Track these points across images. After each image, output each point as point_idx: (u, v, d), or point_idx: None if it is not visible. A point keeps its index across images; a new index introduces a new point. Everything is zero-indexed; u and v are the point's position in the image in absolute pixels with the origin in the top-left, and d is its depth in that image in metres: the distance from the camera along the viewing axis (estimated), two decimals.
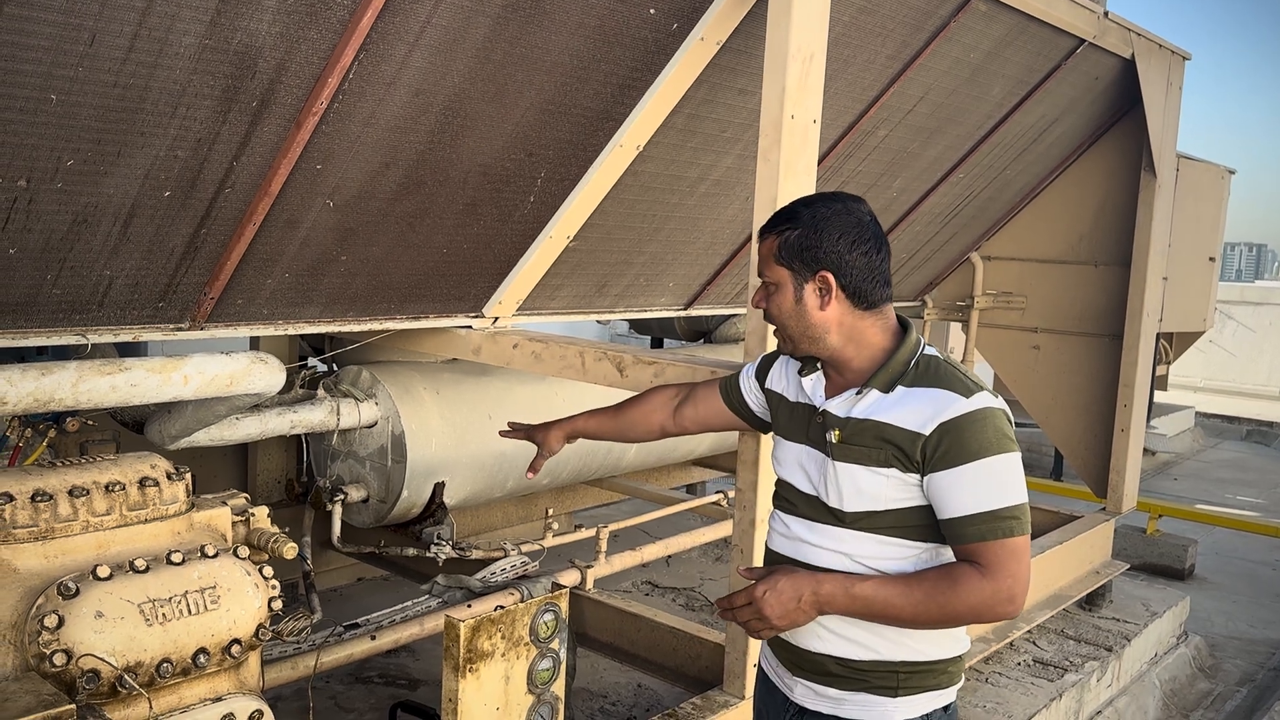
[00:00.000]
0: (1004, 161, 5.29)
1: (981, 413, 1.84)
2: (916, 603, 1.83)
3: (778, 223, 2.01)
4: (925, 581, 1.85)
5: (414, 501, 4.01)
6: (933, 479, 1.85)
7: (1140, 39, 4.92)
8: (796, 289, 1.97)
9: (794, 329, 2.00)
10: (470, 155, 3.08)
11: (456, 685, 2.26)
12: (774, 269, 1.99)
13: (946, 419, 1.84)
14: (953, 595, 1.81)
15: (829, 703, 2.01)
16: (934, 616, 1.85)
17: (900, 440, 1.87)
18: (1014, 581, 1.81)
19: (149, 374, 2.73)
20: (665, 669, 3.61)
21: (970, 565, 1.83)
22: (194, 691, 2.19)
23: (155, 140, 2.45)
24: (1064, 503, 6.42)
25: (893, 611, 1.85)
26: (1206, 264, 6.95)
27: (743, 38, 3.28)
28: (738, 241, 4.43)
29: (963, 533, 1.84)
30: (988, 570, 1.81)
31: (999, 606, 1.82)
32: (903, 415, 1.88)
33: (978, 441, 1.83)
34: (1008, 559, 1.81)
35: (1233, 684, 5.48)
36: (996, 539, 1.81)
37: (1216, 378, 15.20)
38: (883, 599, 1.85)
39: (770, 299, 2.02)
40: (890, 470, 1.88)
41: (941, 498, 1.85)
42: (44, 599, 1.99)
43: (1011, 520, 1.82)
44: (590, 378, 3.41)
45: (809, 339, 1.99)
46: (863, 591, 1.86)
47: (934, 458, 1.84)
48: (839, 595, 1.87)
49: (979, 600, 1.81)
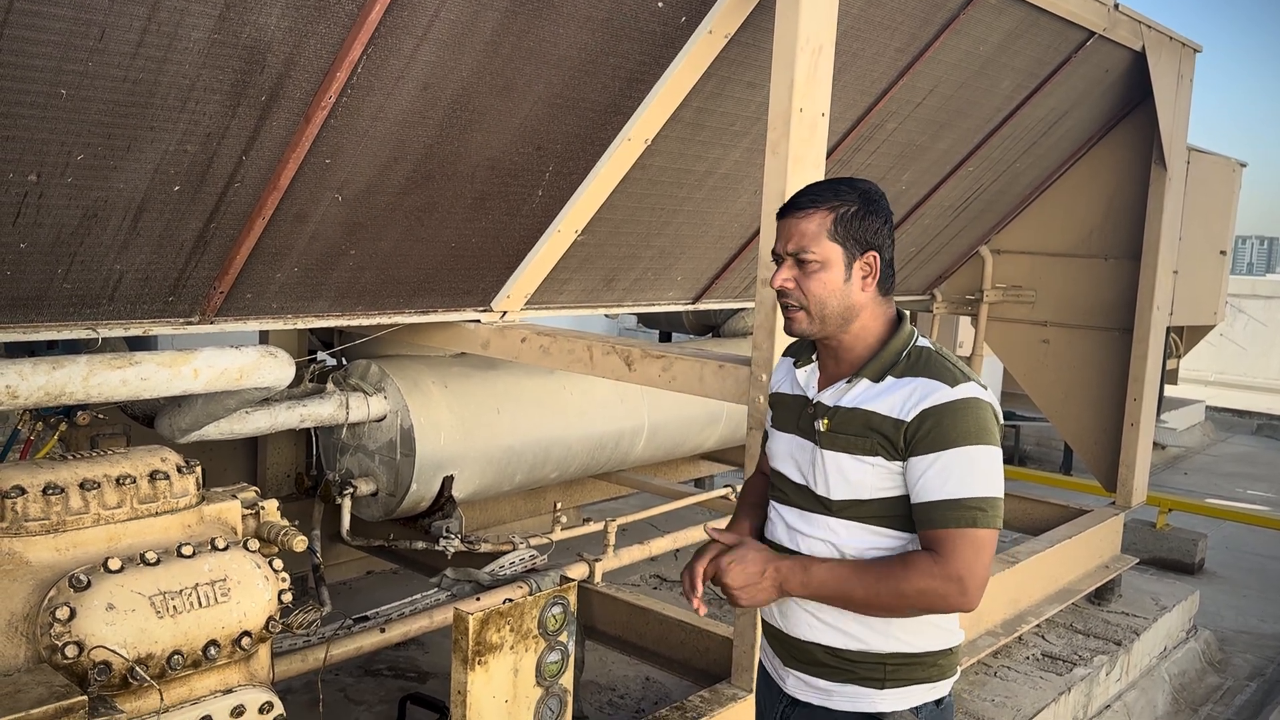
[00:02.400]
0: (1014, 155, 5.27)
1: (965, 402, 1.84)
2: (868, 585, 1.84)
3: (826, 197, 1.92)
4: (879, 565, 1.86)
5: (423, 495, 4.02)
6: (910, 463, 1.86)
7: (1151, 31, 4.90)
8: (848, 267, 1.92)
9: (834, 309, 1.93)
10: (478, 149, 3.08)
11: (465, 677, 2.27)
12: (824, 245, 1.90)
13: (928, 405, 1.84)
14: (903, 579, 1.81)
15: (819, 694, 2.02)
16: (886, 601, 1.84)
17: (884, 428, 1.87)
18: (967, 573, 1.79)
19: (159, 368, 2.74)
20: (673, 662, 3.61)
21: (927, 552, 1.83)
22: (205, 683, 2.20)
23: (165, 135, 2.45)
24: (1073, 497, 6.40)
25: (846, 592, 1.86)
26: (1217, 257, 6.93)
27: (751, 30, 3.27)
28: (746, 235, 4.43)
29: (928, 518, 1.83)
30: (942, 557, 1.80)
31: (951, 596, 1.80)
32: (888, 403, 1.88)
33: (957, 430, 1.82)
34: (965, 548, 1.79)
35: (1242, 678, 5.46)
36: (958, 527, 1.80)
37: (1227, 371, 15.14)
38: (836, 580, 1.86)
39: (811, 276, 1.92)
40: (876, 459, 1.88)
41: (915, 482, 1.85)
42: (55, 591, 2.00)
43: (977, 511, 1.81)
44: (598, 371, 3.42)
45: (842, 320, 1.94)
46: (818, 573, 1.88)
47: (913, 442, 1.84)
48: (796, 573, 1.89)
49: (928, 586, 1.80)
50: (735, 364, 3.06)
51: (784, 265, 1.95)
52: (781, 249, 1.96)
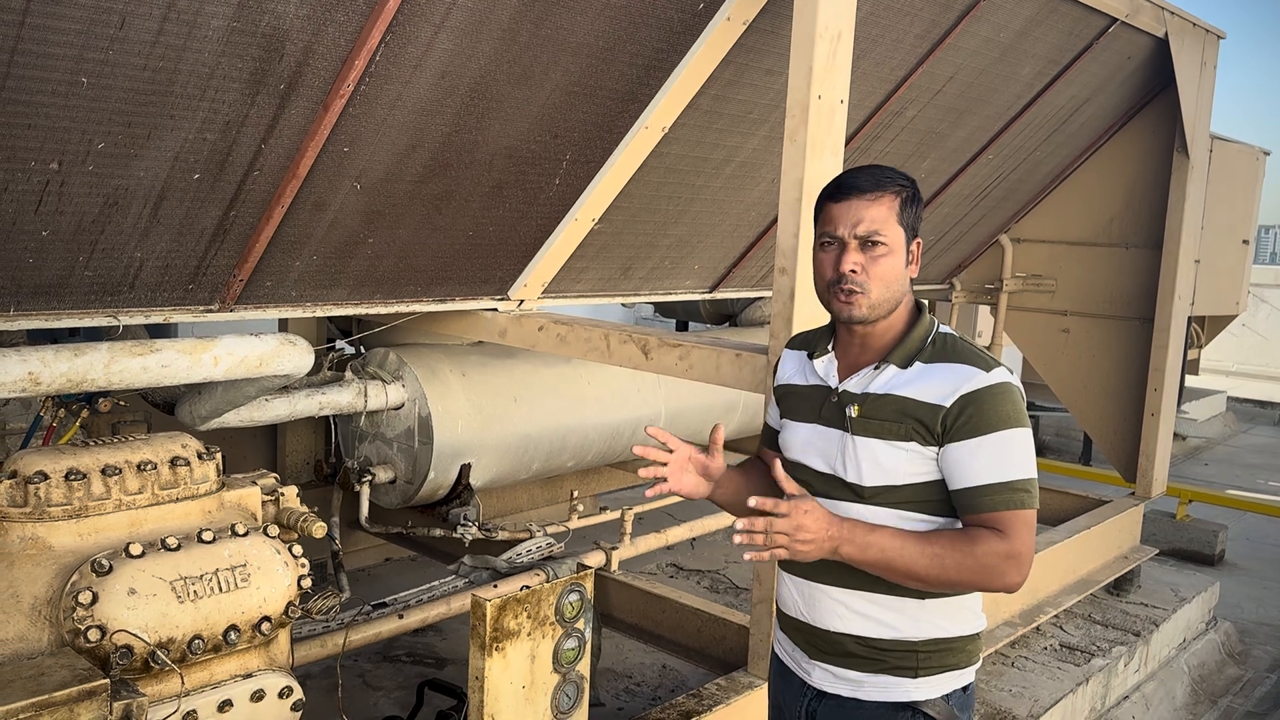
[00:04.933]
0: (1034, 142, 5.23)
1: (1002, 386, 1.86)
2: (935, 552, 1.82)
3: (886, 182, 1.91)
4: (943, 537, 1.85)
5: (441, 483, 4.04)
6: (950, 449, 1.86)
7: (1173, 17, 4.84)
8: (907, 252, 1.94)
9: (896, 294, 1.93)
10: (496, 137, 3.08)
11: (483, 664, 2.28)
12: (894, 229, 1.90)
13: (968, 390, 1.85)
14: (970, 551, 1.81)
15: (848, 685, 2.00)
16: (947, 572, 1.82)
17: (921, 414, 1.87)
18: (1025, 551, 1.83)
19: (179, 355, 2.76)
20: (690, 650, 3.62)
21: (990, 529, 1.83)
22: (225, 668, 2.22)
23: (184, 123, 2.47)
24: (1093, 487, 6.36)
25: (908, 556, 1.82)
26: (1240, 246, 6.86)
27: (770, 17, 3.26)
28: (764, 224, 4.41)
29: (978, 502, 1.84)
30: (1005, 535, 1.82)
31: (1010, 572, 1.82)
32: (923, 389, 1.89)
33: (997, 414, 1.84)
34: (1021, 527, 1.83)
35: (1263, 670, 5.43)
36: (1010, 509, 1.83)
37: (1249, 362, 15.00)
38: (898, 544, 1.83)
39: (879, 260, 1.90)
40: (910, 444, 1.88)
41: (958, 467, 1.86)
42: (78, 576, 2.02)
43: (1024, 493, 1.84)
44: (615, 360, 3.42)
45: (893, 305, 1.94)
46: (879, 537, 1.83)
47: (953, 428, 1.85)
48: (859, 534, 1.83)
49: (995, 561, 1.81)
50: (752, 353, 3.06)
51: (850, 249, 1.90)
52: (846, 232, 1.90)
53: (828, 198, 1.95)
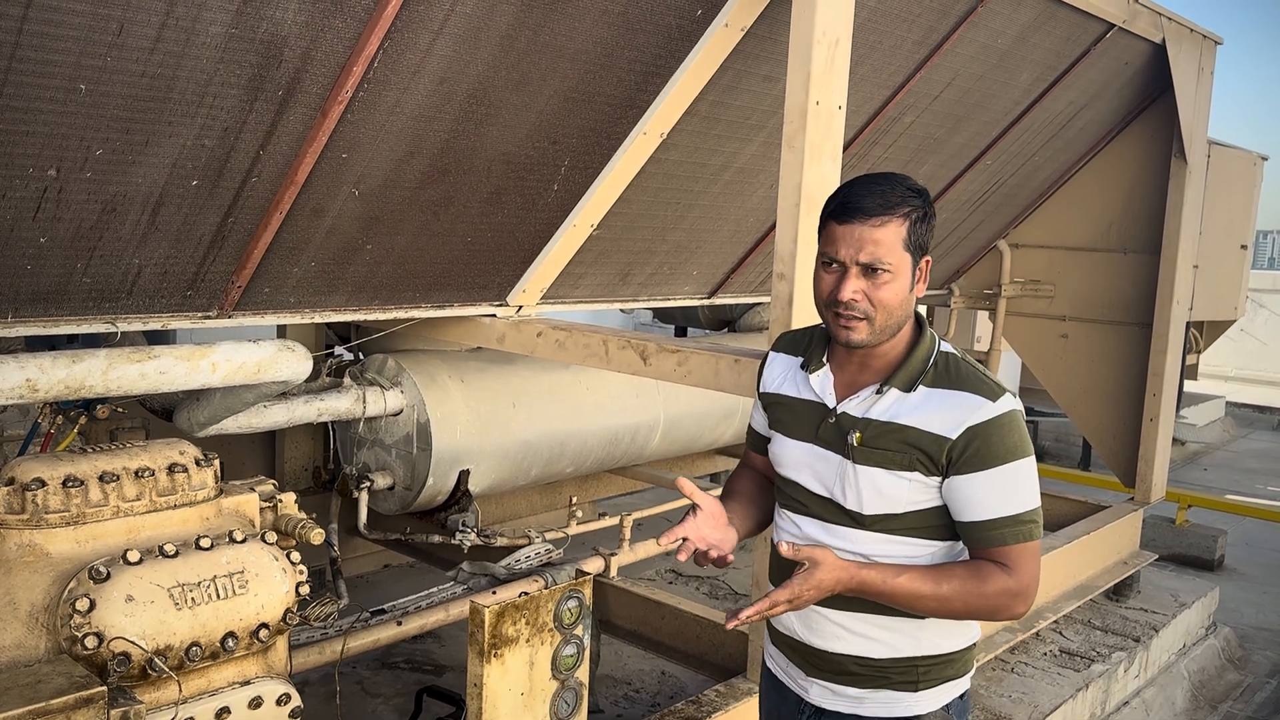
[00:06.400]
0: (1032, 148, 5.23)
1: (1008, 416, 1.83)
2: (940, 600, 1.83)
3: (895, 202, 1.80)
4: (953, 578, 1.83)
5: (439, 489, 4.03)
6: (955, 481, 1.83)
7: (1171, 23, 4.85)
8: (912, 274, 1.85)
9: (899, 318, 1.85)
10: (494, 144, 3.08)
11: (481, 670, 2.28)
12: (899, 255, 1.80)
13: (975, 423, 1.81)
14: (980, 592, 1.82)
15: (848, 701, 1.98)
16: (955, 612, 1.86)
17: (925, 444, 1.83)
18: (1031, 582, 1.84)
19: (178, 361, 2.76)
20: (689, 656, 3.62)
21: (995, 564, 1.84)
22: (222, 675, 2.21)
23: (183, 130, 2.47)
24: (1092, 493, 6.36)
25: (919, 593, 1.83)
26: (1238, 251, 6.86)
27: (768, 23, 3.26)
28: (762, 229, 4.42)
29: (986, 536, 1.84)
30: (1013, 570, 1.83)
31: (1015, 605, 1.84)
32: (928, 418, 1.84)
33: (1004, 446, 1.82)
34: (1029, 561, 1.84)
35: (1263, 675, 5.42)
36: (1018, 542, 1.83)
37: (1247, 367, 14.98)
38: (913, 585, 1.82)
39: (882, 286, 1.81)
40: (913, 474, 1.85)
41: (964, 500, 1.84)
42: (75, 583, 2.02)
43: (1031, 524, 1.85)
44: (614, 366, 3.42)
45: (894, 330, 1.86)
46: (901, 581, 1.82)
47: (959, 461, 1.82)
48: (875, 584, 1.83)
49: (1003, 600, 1.83)
50: (751, 358, 3.05)
51: (850, 275, 1.81)
52: (848, 256, 1.80)
53: (831, 215, 1.85)
